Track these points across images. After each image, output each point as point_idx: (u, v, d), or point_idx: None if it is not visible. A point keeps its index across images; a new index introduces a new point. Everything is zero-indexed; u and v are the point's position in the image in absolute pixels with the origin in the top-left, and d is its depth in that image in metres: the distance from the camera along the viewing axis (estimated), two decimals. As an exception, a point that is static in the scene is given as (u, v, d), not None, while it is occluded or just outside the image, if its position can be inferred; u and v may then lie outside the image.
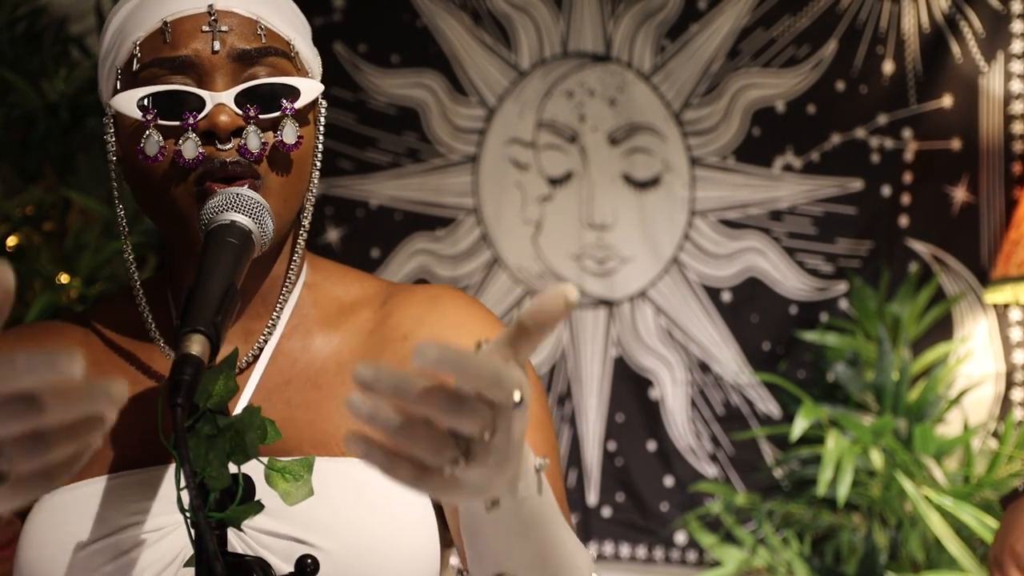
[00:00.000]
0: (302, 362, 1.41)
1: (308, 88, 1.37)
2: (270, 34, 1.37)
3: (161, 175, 1.34)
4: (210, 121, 1.32)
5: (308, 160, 1.39)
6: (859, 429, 3.34)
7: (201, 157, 1.32)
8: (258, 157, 1.33)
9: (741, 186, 3.90)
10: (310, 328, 1.43)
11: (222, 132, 1.32)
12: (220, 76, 1.34)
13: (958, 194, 3.77)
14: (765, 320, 3.88)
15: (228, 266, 1.26)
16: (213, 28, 1.35)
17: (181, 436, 1.14)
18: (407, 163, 4.05)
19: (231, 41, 1.35)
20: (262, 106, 1.34)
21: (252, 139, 1.33)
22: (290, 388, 1.39)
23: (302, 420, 1.38)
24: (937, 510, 3.09)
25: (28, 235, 3.69)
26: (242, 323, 1.41)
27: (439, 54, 4.03)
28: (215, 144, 1.32)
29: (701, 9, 3.92)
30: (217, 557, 1.17)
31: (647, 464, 3.89)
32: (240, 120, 1.33)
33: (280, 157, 1.35)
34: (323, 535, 1.31)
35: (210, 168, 1.32)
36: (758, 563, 3.47)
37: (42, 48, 3.81)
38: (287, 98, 1.36)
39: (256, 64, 1.36)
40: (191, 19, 1.35)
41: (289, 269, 1.42)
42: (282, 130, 1.35)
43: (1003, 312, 3.74)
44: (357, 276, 1.49)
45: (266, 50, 1.36)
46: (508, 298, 3.99)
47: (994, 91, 3.74)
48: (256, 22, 1.36)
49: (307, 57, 1.41)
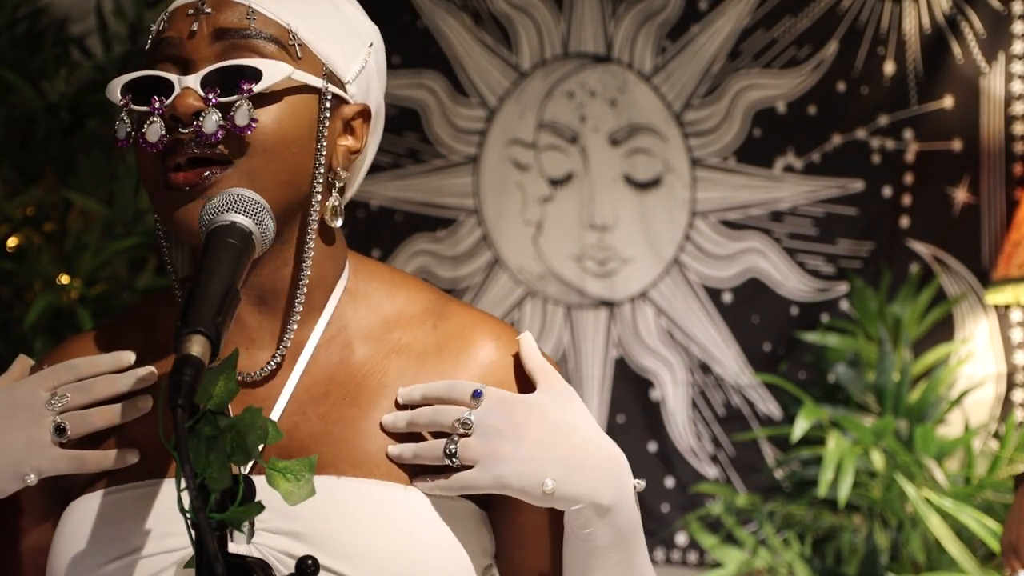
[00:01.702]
0: (340, 375, 1.37)
1: (273, 71, 1.31)
2: (261, 19, 1.34)
3: (142, 161, 1.33)
4: (172, 105, 1.30)
5: (294, 149, 1.33)
6: (860, 430, 3.33)
7: (164, 142, 1.30)
8: (212, 140, 1.29)
9: (742, 187, 3.90)
10: (350, 339, 1.38)
11: (183, 115, 1.29)
12: (200, 59, 1.32)
13: (959, 195, 3.77)
14: (766, 321, 3.87)
15: (228, 267, 1.25)
16: (198, 11, 1.33)
17: (181, 437, 1.14)
18: (408, 164, 4.05)
19: (213, 22, 1.33)
20: (224, 89, 1.31)
21: (207, 121, 1.29)
22: (326, 402, 1.36)
23: (339, 437, 1.34)
24: (938, 511, 3.09)
25: (28, 236, 3.69)
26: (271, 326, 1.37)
27: (440, 55, 4.03)
28: (179, 128, 1.30)
29: (702, 10, 3.92)
30: (217, 558, 1.16)
31: (648, 465, 3.89)
32: (201, 103, 1.30)
33: (238, 142, 1.31)
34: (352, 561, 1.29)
35: (171, 157, 1.30)
36: (759, 564, 3.46)
37: (43, 49, 3.81)
38: (249, 80, 1.31)
39: (240, 48, 1.32)
40: (185, 6, 1.35)
41: (302, 262, 1.36)
42: (235, 111, 1.30)
43: (1004, 313, 3.74)
44: (403, 282, 1.44)
45: (247, 32, 1.32)
46: (509, 299, 3.99)
47: (995, 92, 3.74)
48: (247, 7, 1.33)
49: (325, 51, 1.36)
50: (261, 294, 1.37)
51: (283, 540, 1.30)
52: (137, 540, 1.31)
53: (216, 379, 1.29)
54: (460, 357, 1.38)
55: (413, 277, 1.46)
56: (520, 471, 1.30)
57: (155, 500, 1.32)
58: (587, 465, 1.33)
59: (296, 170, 1.34)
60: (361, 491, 1.31)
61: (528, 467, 1.30)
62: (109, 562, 1.31)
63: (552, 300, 3.98)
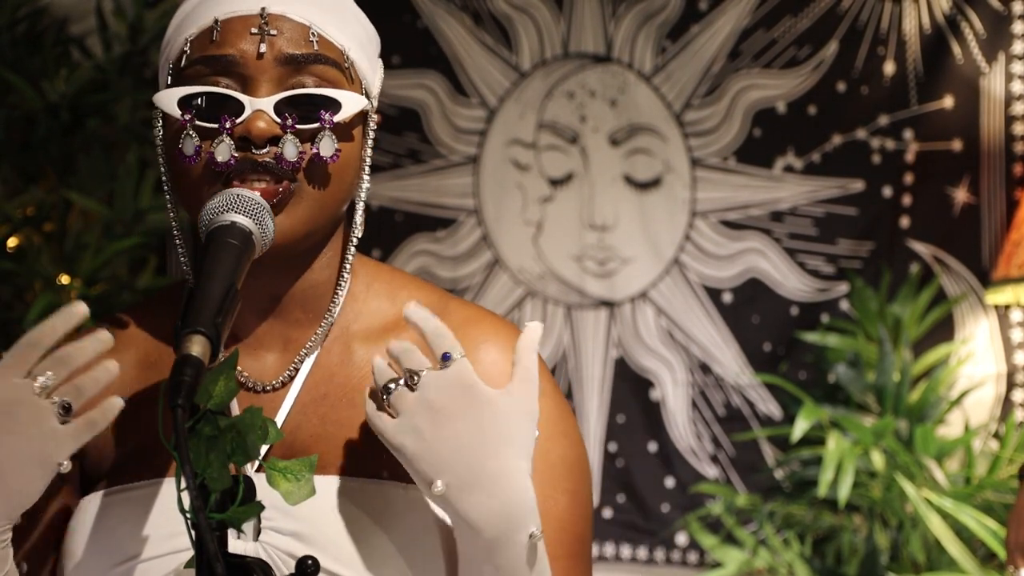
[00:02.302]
0: (340, 377, 1.38)
1: (350, 101, 1.34)
2: (322, 42, 1.34)
3: (196, 174, 1.33)
4: (246, 127, 1.30)
5: (349, 172, 1.36)
6: (860, 430, 3.34)
7: (233, 161, 1.30)
8: (295, 166, 1.31)
9: (742, 187, 3.90)
10: (350, 342, 1.40)
11: (257, 139, 1.30)
12: (264, 81, 1.32)
13: (959, 195, 3.77)
14: (766, 321, 3.87)
15: (229, 267, 1.25)
16: (262, 31, 1.32)
17: (181, 437, 1.14)
18: (408, 164, 4.05)
19: (279, 45, 1.32)
20: (301, 116, 1.32)
21: (289, 148, 1.31)
22: (325, 403, 1.37)
23: (338, 438, 1.35)
24: (938, 511, 3.09)
25: (28, 236, 3.69)
26: (281, 329, 1.39)
27: (440, 55, 4.03)
28: (251, 149, 1.31)
29: (702, 10, 3.92)
30: (217, 558, 1.16)
31: (648, 465, 3.89)
32: (277, 128, 1.31)
33: (317, 168, 1.33)
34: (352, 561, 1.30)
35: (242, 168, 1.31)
36: (759, 564, 3.46)
37: (43, 49, 3.81)
38: (328, 110, 1.33)
39: (303, 71, 1.33)
40: (242, 20, 1.33)
41: (340, 278, 1.39)
42: (319, 142, 1.32)
43: (1004, 313, 3.74)
44: (404, 283, 1.45)
45: (315, 57, 1.33)
46: (509, 299, 3.99)
47: (995, 92, 3.74)
48: (308, 28, 1.34)
49: (363, 69, 1.38)
50: (279, 299, 1.38)
51: (285, 540, 1.30)
52: (143, 542, 1.31)
53: (216, 379, 1.29)
54: None
55: (414, 277, 1.48)
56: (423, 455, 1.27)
57: (160, 500, 1.33)
58: (487, 489, 1.26)
59: (349, 189, 1.38)
60: (361, 491, 1.32)
61: (432, 457, 1.26)
62: (118, 565, 1.32)
63: (552, 300, 3.98)
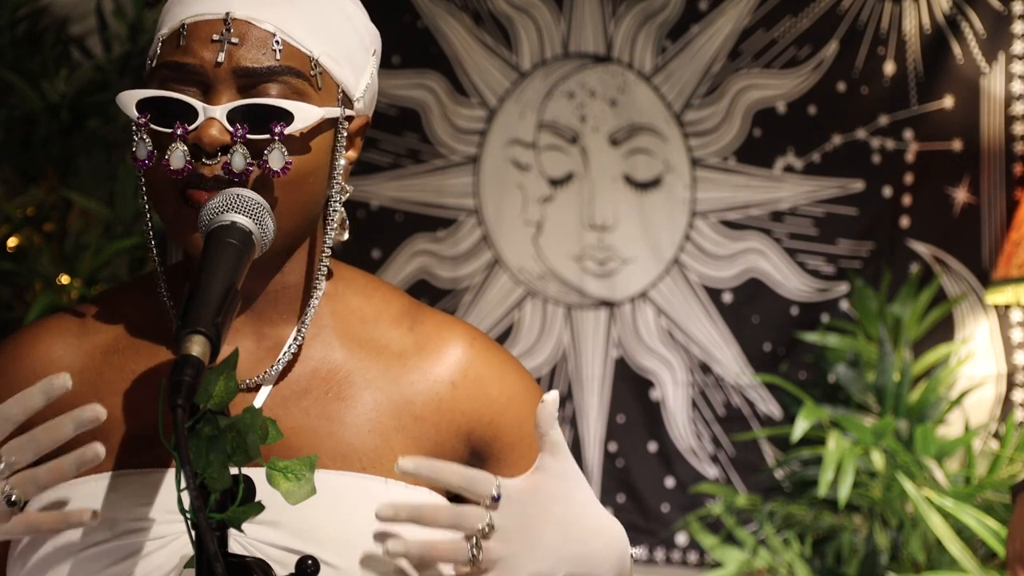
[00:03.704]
0: (323, 371, 1.39)
1: (304, 114, 1.32)
2: (287, 50, 1.33)
3: (154, 177, 1.33)
4: (198, 134, 1.30)
5: (311, 179, 1.35)
6: (860, 430, 3.34)
7: (188, 169, 1.30)
8: (241, 178, 1.31)
9: (742, 187, 3.90)
10: (329, 339, 1.40)
11: (208, 147, 1.29)
12: (224, 88, 1.31)
13: (959, 195, 3.77)
14: (766, 321, 3.87)
15: (228, 267, 1.25)
16: (224, 38, 1.32)
17: (181, 437, 1.14)
18: (408, 164, 4.05)
19: (237, 57, 1.31)
20: (252, 126, 1.30)
21: (236, 159, 1.30)
22: (308, 398, 1.37)
23: (322, 431, 1.36)
24: (938, 511, 3.09)
25: (29, 236, 3.69)
26: (255, 328, 1.39)
27: (440, 55, 4.03)
28: (202, 158, 1.30)
29: (702, 10, 3.92)
30: (217, 558, 1.17)
31: (648, 465, 3.89)
32: (227, 137, 1.30)
33: (268, 182, 1.32)
34: (336, 552, 1.31)
35: (195, 179, 1.31)
36: (759, 564, 3.46)
37: (43, 49, 3.81)
38: (280, 122, 1.31)
39: (265, 82, 1.32)
40: (207, 25, 1.33)
41: (314, 278, 1.40)
42: (268, 155, 1.31)
43: (1004, 313, 3.74)
44: (377, 287, 1.47)
45: (270, 71, 1.32)
46: (509, 299, 3.99)
47: (995, 92, 3.74)
48: (272, 36, 1.32)
49: (340, 74, 1.36)
50: (252, 300, 1.38)
51: (264, 530, 1.30)
52: (121, 526, 1.31)
53: (216, 379, 1.29)
54: (440, 355, 1.42)
55: (386, 282, 1.50)
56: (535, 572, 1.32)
57: (157, 488, 1.32)
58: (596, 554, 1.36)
59: (313, 197, 1.37)
60: (343, 484, 1.33)
61: (542, 567, 1.33)
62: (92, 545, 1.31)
63: (552, 300, 3.98)
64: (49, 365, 1.38)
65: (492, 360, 1.44)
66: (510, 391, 1.43)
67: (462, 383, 1.41)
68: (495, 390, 1.43)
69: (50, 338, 1.41)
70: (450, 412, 1.40)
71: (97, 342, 1.40)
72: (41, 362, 1.39)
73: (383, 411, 1.38)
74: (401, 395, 1.39)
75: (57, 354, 1.40)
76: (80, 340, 1.40)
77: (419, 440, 1.38)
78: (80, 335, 1.40)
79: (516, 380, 1.45)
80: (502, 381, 1.43)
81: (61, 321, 1.42)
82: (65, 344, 1.40)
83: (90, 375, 1.37)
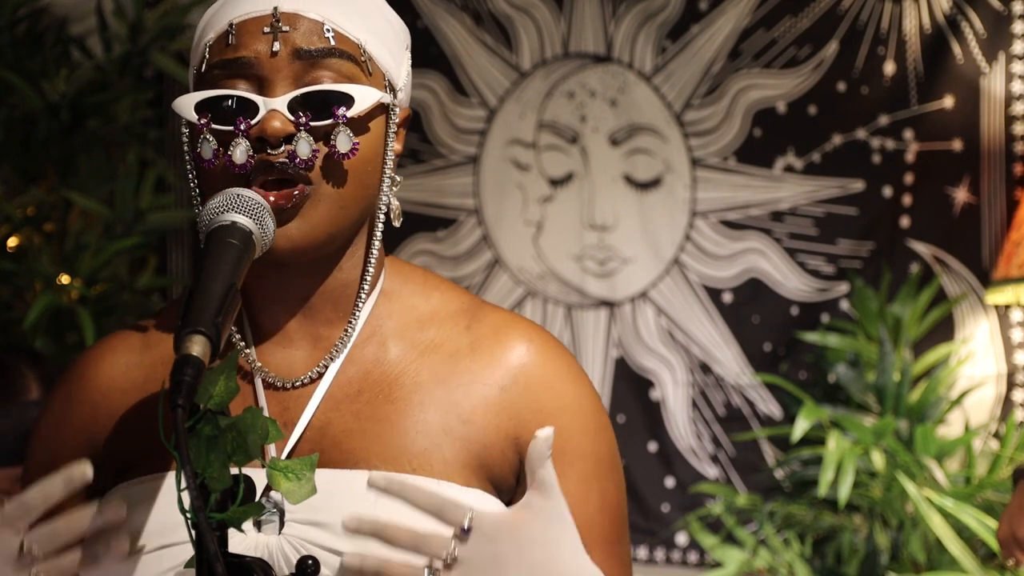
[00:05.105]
0: (375, 374, 1.39)
1: (364, 95, 1.34)
2: (338, 36, 1.34)
3: (217, 177, 1.34)
4: (261, 127, 1.31)
5: (370, 167, 1.36)
6: (860, 430, 3.34)
7: (251, 163, 1.31)
8: (308, 164, 1.32)
9: (742, 187, 3.90)
10: (385, 339, 1.40)
11: (272, 138, 1.31)
12: (280, 79, 1.33)
13: (959, 195, 3.77)
14: (766, 321, 3.88)
15: (229, 267, 1.26)
16: (275, 29, 1.33)
17: (182, 437, 1.15)
18: (408, 164, 4.05)
19: (292, 41, 1.33)
20: (315, 113, 1.32)
21: (302, 146, 1.31)
22: (360, 400, 1.37)
23: (371, 433, 1.36)
24: (938, 511, 3.09)
25: (29, 236, 3.69)
26: (310, 328, 1.39)
27: (440, 55, 4.03)
28: (267, 150, 1.31)
29: (702, 10, 3.92)
30: (218, 558, 1.17)
31: (648, 465, 3.89)
32: (291, 127, 1.31)
33: (334, 165, 1.33)
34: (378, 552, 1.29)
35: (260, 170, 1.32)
36: (759, 564, 3.46)
37: (43, 49, 3.81)
38: (341, 105, 1.33)
39: (319, 67, 1.33)
40: (255, 21, 1.34)
41: (365, 274, 1.40)
42: (335, 138, 1.32)
43: (1004, 313, 3.74)
44: (438, 284, 1.46)
45: (328, 51, 1.33)
46: (509, 299, 3.99)
47: (995, 92, 3.74)
48: (323, 24, 1.34)
49: (385, 62, 1.38)
50: (308, 298, 1.39)
51: (313, 531, 1.31)
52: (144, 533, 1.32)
53: (216, 379, 1.29)
54: (493, 357, 1.40)
55: (447, 280, 1.49)
56: None
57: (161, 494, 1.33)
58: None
59: (371, 185, 1.38)
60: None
61: None
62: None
63: (552, 300, 3.98)
64: (115, 381, 1.41)
65: (547, 366, 1.41)
66: (561, 402, 1.40)
67: (512, 388, 1.39)
68: (545, 398, 1.40)
69: (113, 355, 1.43)
70: (497, 416, 1.38)
71: (159, 355, 1.41)
72: (107, 379, 1.42)
73: (430, 413, 1.37)
74: (449, 397, 1.38)
75: (120, 370, 1.42)
76: (142, 355, 1.41)
77: (467, 443, 1.37)
78: (142, 349, 1.41)
79: (570, 390, 1.41)
80: (554, 390, 1.40)
81: (124, 337, 1.44)
82: (128, 359, 1.42)
83: (154, 388, 1.38)
